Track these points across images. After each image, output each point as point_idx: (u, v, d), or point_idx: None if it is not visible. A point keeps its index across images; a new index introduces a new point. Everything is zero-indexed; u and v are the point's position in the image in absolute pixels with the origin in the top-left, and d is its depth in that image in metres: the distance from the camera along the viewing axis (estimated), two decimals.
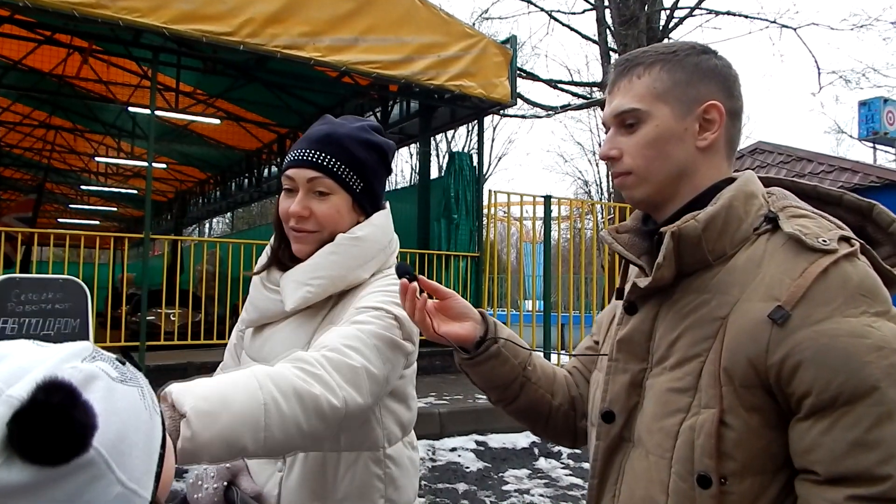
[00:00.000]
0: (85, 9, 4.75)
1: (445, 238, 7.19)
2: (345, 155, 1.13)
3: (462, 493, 4.02)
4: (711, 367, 0.78)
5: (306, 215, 1.12)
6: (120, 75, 9.62)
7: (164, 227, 20.73)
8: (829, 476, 0.71)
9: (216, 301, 7.18)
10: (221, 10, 5.25)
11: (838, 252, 0.75)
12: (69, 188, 17.80)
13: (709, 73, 0.88)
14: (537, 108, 12.26)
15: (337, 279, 1.12)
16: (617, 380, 0.90)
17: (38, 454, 0.48)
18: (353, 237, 1.14)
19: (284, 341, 1.13)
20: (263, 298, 1.18)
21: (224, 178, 15.49)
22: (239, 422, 0.80)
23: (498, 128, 24.53)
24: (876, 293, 0.75)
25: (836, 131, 23.18)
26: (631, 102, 0.88)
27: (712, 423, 0.76)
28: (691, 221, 0.82)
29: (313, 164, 1.12)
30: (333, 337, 0.99)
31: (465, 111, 7.57)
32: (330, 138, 1.13)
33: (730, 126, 0.89)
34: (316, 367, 0.91)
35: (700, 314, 0.81)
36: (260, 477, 1.13)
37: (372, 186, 1.17)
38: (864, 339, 0.71)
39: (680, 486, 0.79)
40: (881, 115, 12.55)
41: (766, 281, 0.77)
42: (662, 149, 0.87)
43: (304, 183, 1.12)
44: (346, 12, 5.77)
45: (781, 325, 0.74)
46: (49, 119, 11.86)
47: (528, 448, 4.90)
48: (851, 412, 0.70)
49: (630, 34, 9.47)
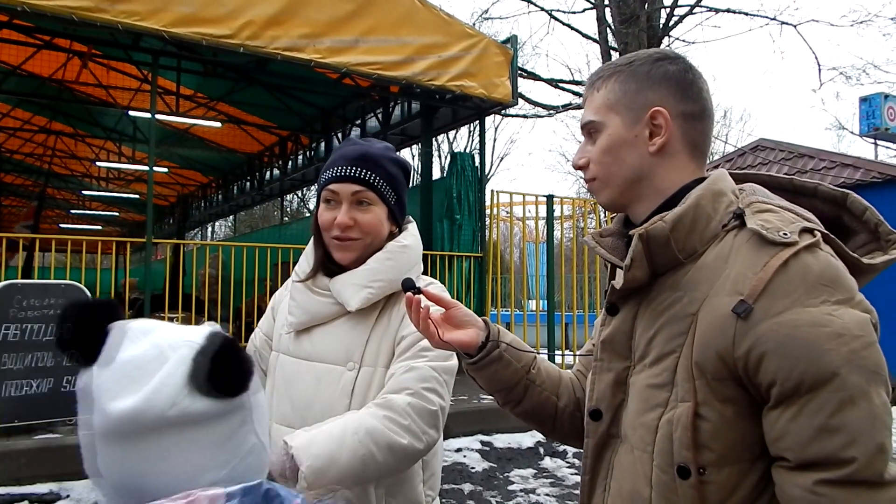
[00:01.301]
0: (84, 13, 4.74)
1: (448, 239, 7.17)
2: (382, 171, 1.28)
3: (468, 494, 4.00)
4: (685, 362, 0.82)
5: (352, 224, 1.26)
6: (120, 79, 9.63)
7: (166, 232, 20.75)
8: (799, 462, 0.74)
9: (219, 305, 7.17)
10: (221, 13, 5.24)
11: (799, 244, 0.78)
12: (70, 193, 17.82)
13: (659, 80, 0.92)
14: (539, 107, 12.26)
15: (394, 282, 1.25)
16: (602, 379, 0.94)
17: (215, 387, 0.60)
18: (402, 245, 1.31)
19: (341, 339, 1.26)
20: (314, 302, 1.29)
21: (226, 181, 15.50)
22: (344, 474, 1.06)
23: (500, 128, 24.53)
24: (837, 282, 0.77)
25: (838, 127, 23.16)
26: (590, 114, 0.96)
27: (688, 416, 0.79)
28: (659, 223, 0.85)
29: (356, 179, 1.26)
30: (413, 379, 1.18)
31: (467, 111, 7.56)
32: (367, 157, 1.28)
33: (687, 128, 0.92)
34: (405, 417, 1.13)
35: (673, 311, 0.85)
36: None
37: (402, 199, 1.34)
38: (824, 328, 0.73)
39: (662, 478, 0.82)
40: (882, 110, 12.51)
41: (732, 276, 0.80)
42: (617, 155, 0.93)
43: (349, 196, 1.26)
44: (346, 14, 5.76)
45: (745, 318, 0.76)
46: (49, 124, 11.87)
47: (534, 448, 4.88)
48: (815, 399, 0.72)
49: (630, 33, 9.45)
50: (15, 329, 4.14)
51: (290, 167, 12.02)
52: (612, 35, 10.17)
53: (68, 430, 4.06)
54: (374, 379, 1.24)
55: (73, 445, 3.57)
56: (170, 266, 6.60)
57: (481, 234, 7.28)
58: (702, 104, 0.93)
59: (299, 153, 11.76)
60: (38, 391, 4.12)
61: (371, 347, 1.25)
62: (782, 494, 0.76)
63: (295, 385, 1.28)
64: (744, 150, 9.70)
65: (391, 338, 1.26)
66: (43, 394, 4.12)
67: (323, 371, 1.26)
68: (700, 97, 0.93)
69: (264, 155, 12.86)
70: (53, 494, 3.60)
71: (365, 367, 1.24)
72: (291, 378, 1.29)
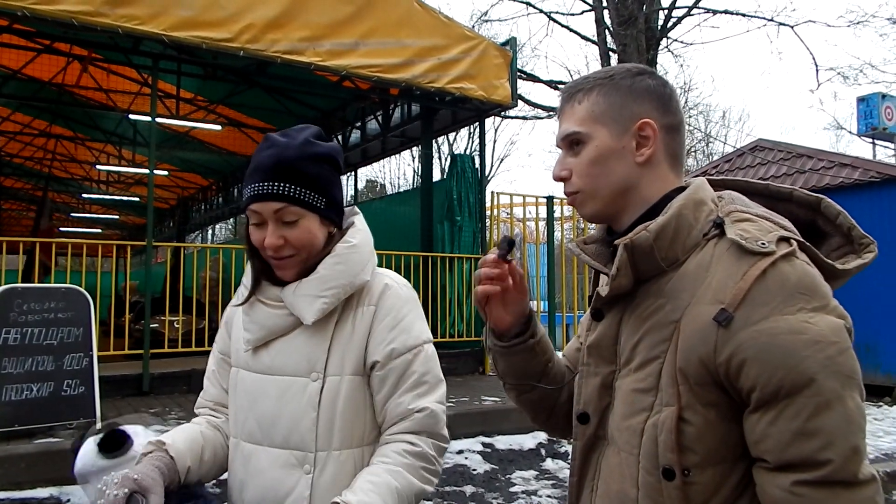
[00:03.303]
0: (84, 17, 4.75)
1: (449, 240, 7.18)
2: (301, 178, 1.17)
3: (469, 496, 4.00)
4: (669, 367, 0.84)
5: (282, 244, 1.18)
6: (120, 83, 9.64)
7: (166, 234, 20.75)
8: (778, 463, 0.77)
9: (220, 307, 7.17)
10: (221, 17, 5.24)
11: (776, 253, 0.80)
12: (71, 197, 17.83)
13: (642, 93, 0.95)
14: (538, 109, 12.28)
15: (346, 286, 1.22)
16: (589, 383, 0.97)
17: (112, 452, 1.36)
18: (350, 245, 1.24)
19: (301, 350, 1.22)
20: (269, 315, 1.24)
21: (226, 183, 15.50)
22: None
23: (499, 129, 24.55)
24: (814, 289, 0.79)
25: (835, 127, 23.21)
26: (573, 126, 0.96)
27: (672, 420, 0.82)
28: (643, 232, 0.88)
29: (275, 196, 1.16)
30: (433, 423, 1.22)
31: (467, 113, 7.57)
32: (281, 166, 1.17)
33: (668, 140, 0.95)
34: (433, 463, 1.21)
35: (657, 318, 0.87)
36: (286, 482, 1.18)
37: (333, 198, 1.24)
38: (801, 335, 0.76)
39: (648, 479, 0.85)
40: (879, 110, 12.54)
41: (714, 285, 0.82)
42: (605, 166, 0.94)
43: (272, 214, 1.17)
44: (345, 16, 5.77)
45: (726, 326, 0.79)
46: (49, 128, 11.89)
47: (535, 449, 4.88)
48: (793, 404, 0.76)
49: (629, 34, 9.47)
50: (15, 333, 4.15)
51: None
52: (610, 37, 10.18)
53: (68, 434, 4.06)
54: (342, 388, 1.20)
55: None
56: (170, 269, 6.60)
57: (482, 235, 7.28)
58: (679, 117, 0.97)
59: None
60: (39, 395, 4.12)
61: (335, 356, 1.21)
62: (763, 494, 0.79)
63: (259, 401, 1.23)
64: (742, 151, 9.70)
65: (358, 347, 1.21)
66: (43, 398, 4.12)
67: (286, 384, 1.21)
68: (677, 110, 0.97)
69: None
70: (54, 499, 3.60)
71: (330, 377, 1.20)
72: (254, 394, 1.24)
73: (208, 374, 1.37)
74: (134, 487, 1.06)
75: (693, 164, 22.40)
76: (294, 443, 1.19)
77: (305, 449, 1.18)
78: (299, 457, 1.18)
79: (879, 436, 5.73)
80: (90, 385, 4.33)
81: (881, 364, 7.49)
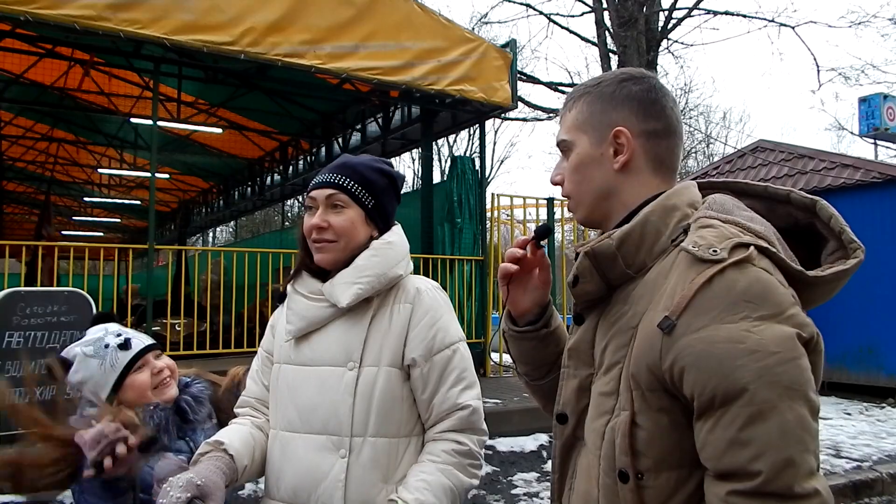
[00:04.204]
0: (86, 21, 4.77)
1: (449, 242, 7.18)
2: (357, 176, 1.34)
3: (471, 498, 4.00)
4: (627, 372, 0.86)
5: (325, 226, 1.30)
6: (122, 87, 9.65)
7: (168, 238, 20.77)
8: (716, 472, 0.77)
9: (221, 310, 7.17)
10: (222, 20, 5.26)
11: (726, 261, 0.79)
12: (72, 200, 17.85)
13: (623, 99, 0.96)
14: (538, 110, 12.26)
15: (381, 276, 1.30)
16: (568, 384, 0.98)
17: None
18: (386, 242, 1.35)
19: (339, 340, 1.29)
20: (309, 307, 1.33)
21: (227, 186, 15.52)
22: None
23: (499, 131, 24.55)
24: (763, 297, 0.77)
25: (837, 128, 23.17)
26: (562, 133, 1.00)
27: (626, 424, 0.83)
28: (606, 240, 0.89)
29: (330, 184, 1.32)
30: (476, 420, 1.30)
31: (467, 115, 7.57)
32: (345, 164, 1.35)
33: (650, 146, 0.95)
34: (478, 458, 1.29)
35: (620, 324, 0.89)
36: (321, 466, 1.24)
37: (382, 204, 1.36)
38: (738, 344, 0.75)
39: (606, 481, 0.87)
40: (881, 111, 12.51)
41: (668, 292, 0.83)
42: (585, 173, 0.97)
43: (323, 200, 1.32)
44: (346, 19, 5.78)
45: (668, 333, 0.79)
46: (51, 132, 11.90)
47: (537, 451, 4.88)
48: (727, 413, 0.75)
49: (629, 36, 9.47)
50: (18, 336, 4.16)
51: (291, 172, 12.04)
52: (610, 38, 10.18)
53: None
54: (379, 378, 1.26)
55: None
56: (172, 272, 6.60)
57: (482, 237, 7.28)
58: (665, 122, 0.96)
59: (300, 158, 11.79)
60: (42, 399, 4.12)
61: (371, 347, 1.28)
62: (706, 502, 0.80)
63: (299, 391, 1.30)
64: (744, 152, 9.70)
65: (395, 341, 1.29)
66: (46, 401, 4.12)
67: (325, 374, 1.28)
68: (663, 115, 0.96)
69: (265, 160, 12.88)
70: (57, 503, 3.60)
71: (367, 368, 1.27)
72: (295, 385, 1.31)
73: (251, 374, 1.46)
74: (196, 493, 1.10)
75: (694, 165, 22.39)
76: (332, 428, 1.25)
77: (342, 434, 1.24)
78: (336, 441, 1.23)
79: (883, 437, 5.72)
80: None
81: (884, 366, 7.47)
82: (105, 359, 1.44)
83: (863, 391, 7.54)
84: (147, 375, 1.47)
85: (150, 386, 1.46)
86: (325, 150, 10.74)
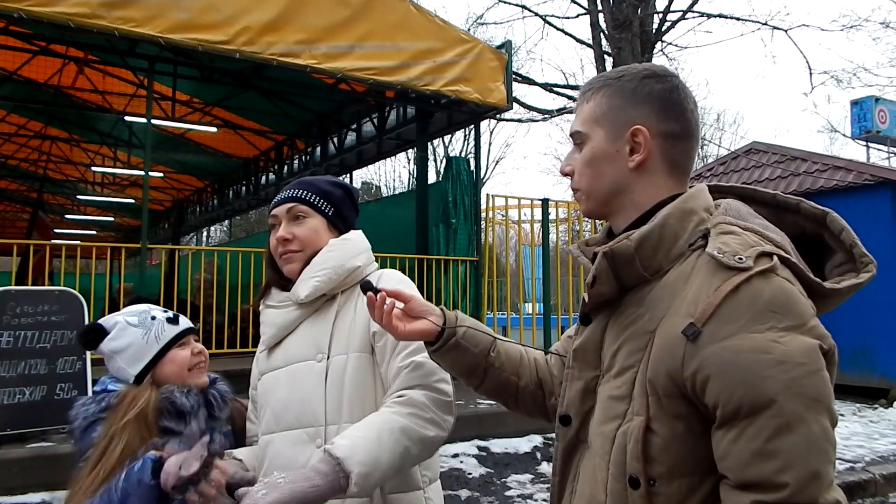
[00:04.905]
0: (80, 19, 4.73)
1: (444, 243, 7.17)
2: (313, 188, 1.41)
3: (465, 500, 4.00)
4: (642, 377, 0.84)
5: (290, 238, 1.36)
6: (116, 85, 9.60)
7: (161, 237, 20.67)
8: (738, 482, 0.76)
9: (214, 310, 7.14)
10: (217, 19, 5.24)
11: (752, 269, 0.78)
12: (65, 198, 17.74)
13: (644, 97, 0.93)
14: (533, 111, 12.27)
15: (338, 268, 1.34)
16: (573, 386, 0.97)
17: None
18: (342, 239, 1.40)
19: (307, 336, 1.33)
20: (278, 314, 1.38)
21: (221, 186, 15.46)
22: (386, 472, 1.14)
23: (495, 132, 24.55)
24: (788, 308, 0.77)
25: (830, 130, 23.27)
26: (577, 125, 0.98)
27: (640, 430, 0.82)
28: (624, 241, 0.87)
29: (289, 199, 1.39)
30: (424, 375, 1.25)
31: (462, 116, 7.57)
32: (301, 181, 1.43)
33: (667, 147, 0.93)
34: (427, 411, 1.22)
35: (635, 327, 0.87)
36: (299, 459, 1.24)
37: (341, 211, 1.42)
38: (765, 355, 0.74)
39: (615, 486, 0.85)
40: (873, 113, 12.60)
41: (689, 297, 0.82)
42: (598, 168, 0.95)
43: (285, 214, 1.38)
44: (342, 19, 5.77)
45: (693, 340, 0.78)
46: (45, 129, 11.83)
47: (531, 453, 4.88)
48: (753, 424, 0.74)
49: (624, 38, 9.49)
50: (8, 336, 4.12)
51: (286, 172, 12.01)
52: (605, 40, 10.21)
53: (61, 438, 4.03)
54: (348, 365, 1.28)
55: (66, 454, 3.53)
56: (165, 271, 6.58)
57: (477, 237, 7.28)
58: (684, 124, 0.94)
59: (295, 158, 11.76)
60: (32, 399, 4.09)
61: (338, 337, 1.31)
62: None
63: (272, 393, 1.33)
64: (737, 154, 9.73)
65: (362, 326, 1.31)
66: (36, 401, 4.10)
67: (295, 369, 1.32)
68: (683, 117, 0.94)
69: (260, 159, 12.84)
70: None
71: (336, 357, 1.29)
72: (270, 389, 1.35)
73: (248, 416, 1.50)
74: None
75: None
76: (306, 421, 1.26)
77: (317, 424, 1.25)
78: (311, 433, 1.26)
79: (875, 438, 5.74)
80: (83, 389, 4.30)
81: (876, 366, 7.51)
82: (151, 329, 1.44)
83: (855, 392, 7.58)
84: (188, 353, 1.48)
85: (189, 364, 1.46)
86: (320, 150, 10.72)
